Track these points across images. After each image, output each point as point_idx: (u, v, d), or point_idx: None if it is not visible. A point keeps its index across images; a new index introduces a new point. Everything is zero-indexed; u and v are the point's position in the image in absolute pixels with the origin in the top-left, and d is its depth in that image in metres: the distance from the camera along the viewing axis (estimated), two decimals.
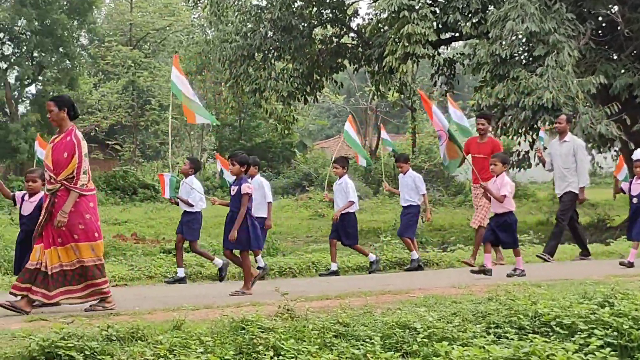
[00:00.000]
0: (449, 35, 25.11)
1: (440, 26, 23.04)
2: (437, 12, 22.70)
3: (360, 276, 14.11)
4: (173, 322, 7.27)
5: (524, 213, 23.76)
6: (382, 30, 25.69)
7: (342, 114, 55.66)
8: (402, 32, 21.18)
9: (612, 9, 22.61)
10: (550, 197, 32.36)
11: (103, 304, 9.00)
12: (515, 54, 20.91)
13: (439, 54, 25.34)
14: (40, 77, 38.88)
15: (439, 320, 7.60)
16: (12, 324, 7.52)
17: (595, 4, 21.56)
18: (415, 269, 14.36)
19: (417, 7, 21.14)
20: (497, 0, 21.25)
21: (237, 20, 26.10)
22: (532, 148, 21.87)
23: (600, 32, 22.55)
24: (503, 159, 11.97)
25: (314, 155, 49.22)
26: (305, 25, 26.63)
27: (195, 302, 9.19)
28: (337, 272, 14.23)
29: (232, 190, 10.96)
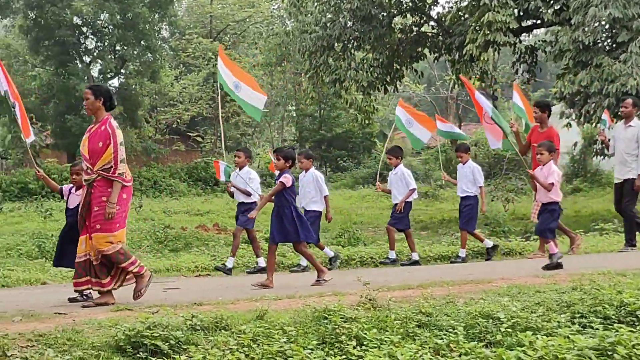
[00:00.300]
0: (530, 22, 24.79)
1: (521, 13, 22.80)
2: None
3: (442, 266, 14.08)
4: (256, 312, 7.33)
5: (608, 201, 23.32)
6: (462, 18, 25.49)
7: (423, 104, 55.32)
8: (482, 20, 21.06)
9: None
10: None
11: (134, 283, 8.92)
12: (598, 41, 20.51)
13: (520, 41, 24.99)
14: (122, 71, 39.33)
15: (522, 310, 7.55)
16: (98, 314, 7.66)
17: None
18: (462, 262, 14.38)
19: None
20: None
21: (316, 11, 26.11)
22: None
23: None
24: (549, 147, 11.76)
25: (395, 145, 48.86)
26: (384, 14, 26.51)
27: (277, 292, 9.26)
28: (419, 261, 14.24)
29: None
